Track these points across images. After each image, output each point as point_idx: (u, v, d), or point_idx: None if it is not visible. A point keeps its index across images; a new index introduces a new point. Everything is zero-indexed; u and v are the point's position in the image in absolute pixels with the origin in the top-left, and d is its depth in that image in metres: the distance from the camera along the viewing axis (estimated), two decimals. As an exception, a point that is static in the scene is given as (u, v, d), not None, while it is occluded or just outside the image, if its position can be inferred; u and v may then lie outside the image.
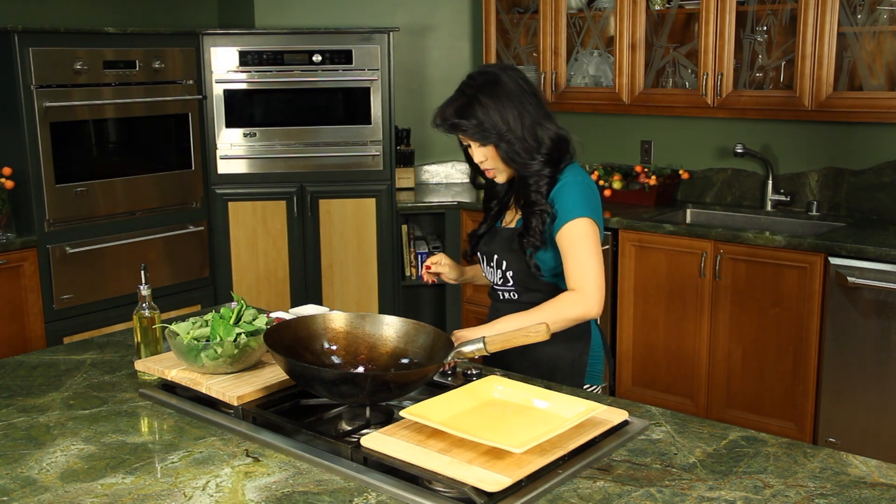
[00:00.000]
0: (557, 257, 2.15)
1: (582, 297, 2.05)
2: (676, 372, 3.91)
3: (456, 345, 1.89)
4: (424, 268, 2.38)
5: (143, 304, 2.15)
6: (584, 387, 2.24)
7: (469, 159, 2.25)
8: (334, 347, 1.97)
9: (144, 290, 2.16)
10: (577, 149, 2.25)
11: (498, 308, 2.28)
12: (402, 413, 1.65)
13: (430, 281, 2.38)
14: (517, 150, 2.10)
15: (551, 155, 2.14)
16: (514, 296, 2.24)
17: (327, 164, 4.48)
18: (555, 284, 2.20)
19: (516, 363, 2.21)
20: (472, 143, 2.14)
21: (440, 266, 2.36)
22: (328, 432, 1.74)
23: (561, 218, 2.11)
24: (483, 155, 2.14)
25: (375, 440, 1.60)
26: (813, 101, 3.74)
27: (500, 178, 2.20)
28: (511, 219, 2.27)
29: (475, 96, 2.09)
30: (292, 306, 3.21)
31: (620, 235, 3.98)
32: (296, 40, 4.42)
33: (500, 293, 2.27)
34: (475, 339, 1.89)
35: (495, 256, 2.23)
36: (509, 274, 2.21)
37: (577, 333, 2.21)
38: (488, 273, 2.29)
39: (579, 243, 2.08)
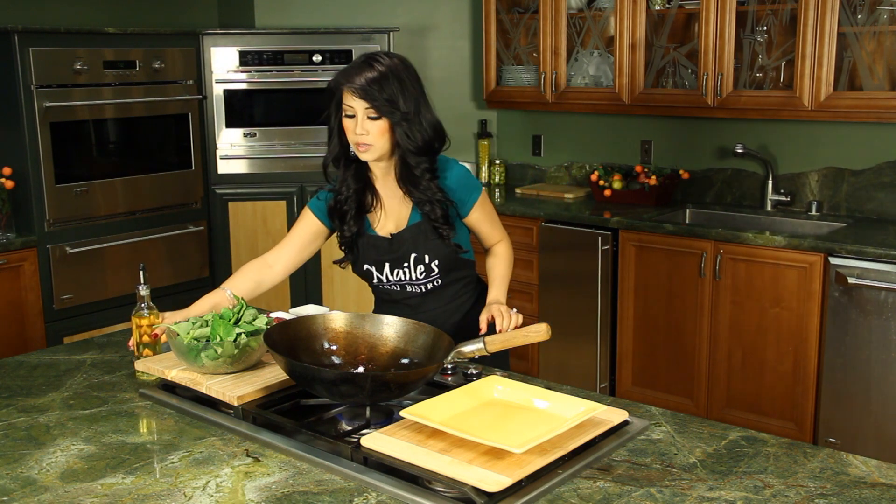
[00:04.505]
0: (465, 232, 2.33)
1: (509, 243, 2.40)
2: (676, 372, 3.91)
3: (456, 345, 1.90)
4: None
5: (142, 305, 2.15)
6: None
7: (339, 138, 2.20)
8: (334, 347, 1.97)
9: (143, 291, 2.15)
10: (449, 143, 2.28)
11: (420, 303, 2.30)
12: (402, 413, 1.65)
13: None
14: (415, 133, 2.13)
15: (433, 144, 2.19)
16: (437, 283, 2.30)
17: (327, 164, 4.47)
18: (468, 259, 2.35)
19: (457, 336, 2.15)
20: (364, 114, 2.10)
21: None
22: (328, 432, 1.74)
23: (471, 196, 2.27)
24: (368, 129, 2.11)
25: (375, 440, 1.60)
26: (813, 101, 3.74)
27: (369, 156, 2.16)
28: (388, 223, 2.27)
29: (393, 73, 2.11)
30: (292, 306, 3.21)
31: (620, 235, 3.98)
32: (296, 40, 4.41)
33: (420, 286, 2.29)
34: (475, 339, 1.89)
35: (413, 255, 2.24)
36: (434, 264, 2.26)
37: (474, 294, 2.39)
38: (390, 277, 2.28)
39: (491, 208, 2.35)
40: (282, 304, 4.49)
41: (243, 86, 4.41)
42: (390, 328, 1.98)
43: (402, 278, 2.28)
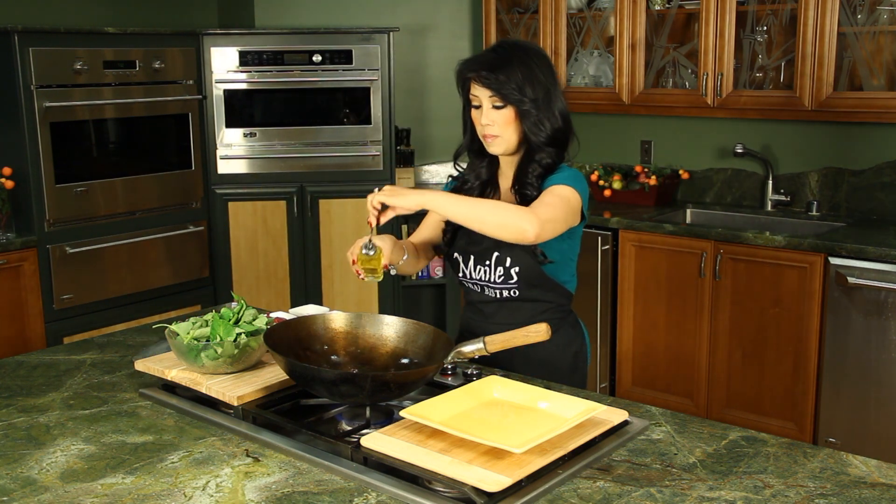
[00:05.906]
0: (557, 247, 2.15)
1: (530, 216, 1.97)
2: (676, 372, 3.91)
3: (456, 345, 1.89)
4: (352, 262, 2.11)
5: (369, 241, 2.02)
6: None
7: (471, 130, 2.19)
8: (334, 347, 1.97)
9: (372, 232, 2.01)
10: (574, 149, 2.21)
11: (494, 312, 2.23)
12: (402, 413, 1.65)
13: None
14: (543, 122, 2.09)
15: (559, 135, 2.13)
16: (514, 293, 2.19)
17: (327, 164, 4.48)
18: (560, 285, 2.19)
19: (520, 366, 2.19)
20: (489, 103, 2.08)
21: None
22: (328, 432, 1.74)
23: (555, 178, 2.11)
24: (494, 119, 2.09)
25: (375, 440, 1.60)
26: (813, 101, 3.74)
27: (496, 149, 2.14)
28: None
29: (519, 59, 2.07)
30: (292, 306, 3.21)
31: (620, 235, 3.98)
32: (296, 40, 4.41)
33: (496, 291, 2.20)
34: (475, 339, 1.89)
35: (495, 254, 2.16)
36: (514, 270, 2.15)
37: (571, 334, 2.25)
38: (473, 273, 2.22)
39: (554, 194, 2.07)
40: (282, 304, 4.49)
41: (243, 86, 4.41)
42: (390, 328, 1.98)
43: (483, 277, 2.20)
